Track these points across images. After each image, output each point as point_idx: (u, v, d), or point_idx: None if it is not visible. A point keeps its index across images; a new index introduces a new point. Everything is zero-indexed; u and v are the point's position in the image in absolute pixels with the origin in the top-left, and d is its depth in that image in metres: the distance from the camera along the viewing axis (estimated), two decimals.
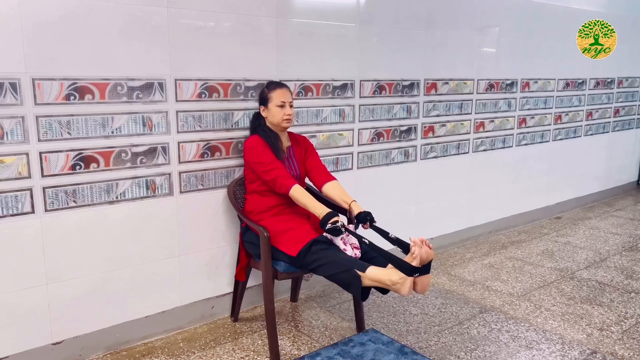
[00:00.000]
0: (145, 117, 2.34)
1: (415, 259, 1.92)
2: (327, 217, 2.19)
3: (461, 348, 2.46)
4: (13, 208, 2.07)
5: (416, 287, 2.00)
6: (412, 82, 3.40)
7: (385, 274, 1.99)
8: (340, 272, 2.08)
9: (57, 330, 2.26)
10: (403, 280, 1.95)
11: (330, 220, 2.18)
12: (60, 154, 2.15)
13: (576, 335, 2.59)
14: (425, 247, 1.96)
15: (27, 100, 2.04)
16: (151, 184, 2.41)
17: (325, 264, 2.13)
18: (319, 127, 2.97)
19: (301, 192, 2.31)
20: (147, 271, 2.46)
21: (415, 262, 1.92)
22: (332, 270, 2.11)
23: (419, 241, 1.95)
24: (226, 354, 2.39)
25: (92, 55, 2.16)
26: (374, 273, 2.01)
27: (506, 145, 4.21)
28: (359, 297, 2.07)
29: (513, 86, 4.11)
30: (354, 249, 2.22)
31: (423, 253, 1.94)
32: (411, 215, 3.61)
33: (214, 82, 2.52)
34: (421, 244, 1.95)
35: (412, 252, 1.93)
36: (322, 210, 2.23)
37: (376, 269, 2.02)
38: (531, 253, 3.83)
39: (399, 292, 1.97)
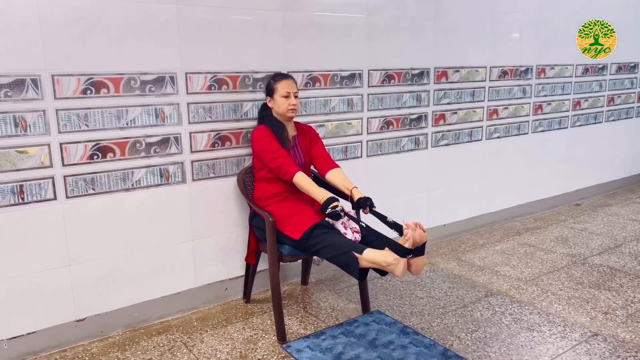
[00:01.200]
0: (158, 109, 2.48)
1: (408, 241, 2.00)
2: (328, 202, 2.29)
3: (462, 329, 2.53)
4: (37, 195, 2.25)
5: (410, 268, 2.08)
6: (422, 70, 3.45)
7: (380, 256, 2.08)
8: (339, 254, 2.19)
9: (80, 309, 2.43)
10: (397, 261, 2.03)
11: (331, 205, 2.28)
12: (79, 144, 2.31)
13: (579, 319, 2.63)
14: (419, 230, 2.04)
15: (47, 95, 2.20)
16: (165, 172, 2.55)
17: (326, 246, 2.24)
18: (328, 116, 3.06)
19: (304, 179, 2.41)
20: (163, 254, 2.62)
21: (408, 244, 2.01)
22: (332, 252, 2.22)
23: (413, 224, 2.03)
24: (236, 332, 2.53)
25: (106, 52, 2.31)
26: (370, 255, 2.10)
27: (521, 132, 4.21)
28: (356, 277, 2.17)
29: (528, 73, 4.10)
30: (354, 232, 2.31)
31: (416, 236, 2.03)
32: (422, 202, 3.67)
33: (223, 75, 2.64)
34: (415, 227, 2.03)
35: (405, 234, 2.01)
36: (323, 195, 2.33)
37: (373, 251, 2.11)
38: (545, 239, 3.84)
39: (393, 273, 2.05)
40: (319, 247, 2.26)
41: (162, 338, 2.49)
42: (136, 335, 2.52)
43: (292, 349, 2.36)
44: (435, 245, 3.73)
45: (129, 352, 2.37)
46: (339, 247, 2.20)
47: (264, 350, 2.37)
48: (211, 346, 2.41)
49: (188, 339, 2.48)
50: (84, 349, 2.40)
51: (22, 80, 2.14)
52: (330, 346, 2.37)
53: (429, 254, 3.56)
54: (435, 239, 3.80)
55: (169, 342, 2.45)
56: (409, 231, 2.01)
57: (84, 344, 2.45)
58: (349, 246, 2.17)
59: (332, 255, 2.22)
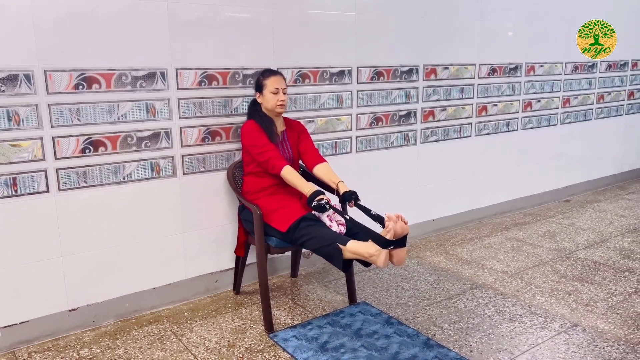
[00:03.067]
0: (148, 104, 2.54)
1: (389, 233, 2.07)
2: (314, 195, 2.36)
3: (446, 320, 2.60)
4: (30, 187, 2.30)
5: (392, 259, 2.15)
6: (411, 67, 3.51)
7: (363, 247, 2.14)
8: (324, 245, 2.25)
9: (73, 298, 2.49)
10: (379, 252, 2.10)
11: (317, 198, 2.34)
12: (71, 138, 2.37)
13: (560, 310, 2.69)
14: (401, 222, 2.10)
15: (40, 90, 2.26)
16: (156, 166, 2.61)
17: (312, 238, 2.30)
18: (317, 112, 3.12)
19: (291, 173, 2.47)
20: (154, 246, 2.68)
21: (389, 236, 2.07)
22: (317, 244, 2.28)
23: (394, 217, 2.09)
24: (225, 323, 2.59)
25: (98, 48, 2.37)
26: (353, 246, 2.17)
27: (511, 129, 4.27)
28: (340, 268, 2.23)
29: (517, 70, 4.16)
30: (339, 225, 2.38)
31: (398, 228, 2.09)
32: (412, 197, 3.73)
33: (213, 71, 2.70)
34: (396, 220, 2.09)
35: (386, 226, 2.08)
36: (309, 189, 2.39)
37: (356, 242, 2.18)
38: (532, 234, 3.91)
39: (376, 264, 2.12)
40: (304, 239, 2.32)
41: (153, 328, 2.55)
42: (127, 325, 2.59)
43: (279, 338, 2.42)
44: (424, 240, 3.80)
45: (119, 341, 2.43)
46: (323, 239, 2.26)
47: (251, 339, 2.43)
48: (200, 335, 2.47)
49: (178, 329, 2.54)
50: (76, 338, 2.46)
51: (15, 76, 2.20)
52: (316, 335, 2.44)
53: (417, 248, 3.62)
54: (424, 233, 3.86)
55: (159, 332, 2.51)
56: (390, 223, 2.07)
57: (76, 333, 2.51)
58: (333, 238, 2.24)
59: (317, 246, 2.29)
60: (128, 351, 2.34)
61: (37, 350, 2.36)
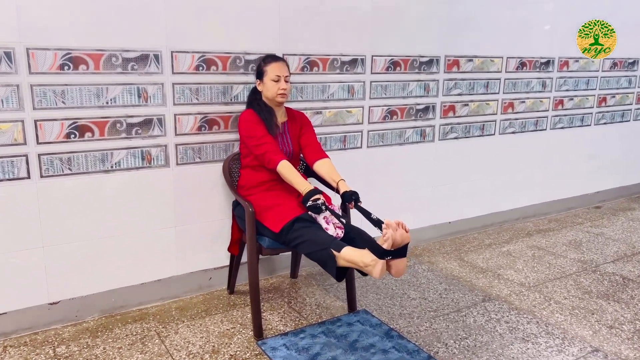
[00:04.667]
0: (140, 88, 2.37)
1: (387, 242, 1.85)
2: (310, 194, 2.16)
3: (451, 336, 2.37)
4: (9, 173, 2.17)
5: (391, 270, 1.94)
6: (431, 58, 3.25)
7: (358, 256, 1.94)
8: (317, 250, 2.05)
9: (54, 291, 2.36)
10: (374, 262, 1.89)
11: (312, 198, 2.14)
12: (55, 122, 2.22)
13: (581, 331, 2.44)
14: (401, 231, 1.88)
15: (21, 69, 2.11)
16: (147, 154, 2.45)
17: (305, 241, 2.10)
18: (325, 103, 2.90)
19: (288, 168, 2.27)
20: (144, 240, 2.53)
21: (387, 245, 1.85)
22: (311, 248, 2.08)
23: (394, 224, 1.87)
24: (213, 325, 2.43)
25: (86, 26, 2.20)
26: (348, 254, 1.96)
27: (539, 128, 3.97)
28: (334, 276, 2.03)
29: (549, 65, 3.85)
30: (336, 228, 2.17)
31: (397, 236, 1.87)
32: (427, 197, 3.49)
33: (212, 55, 2.51)
34: (396, 227, 1.87)
35: (383, 234, 1.86)
36: (305, 187, 2.20)
37: (351, 249, 1.97)
38: (556, 243, 3.63)
39: (371, 275, 1.91)
40: (298, 242, 2.13)
41: (137, 326, 2.40)
42: (111, 321, 2.45)
43: (268, 346, 2.25)
44: (438, 243, 3.56)
45: (99, 340, 2.29)
46: (317, 242, 2.06)
47: (237, 345, 2.26)
48: (185, 338, 2.31)
49: (163, 329, 2.38)
50: (55, 333, 2.34)
51: None
52: (307, 346, 2.25)
53: (429, 252, 3.39)
54: (439, 236, 3.63)
55: (143, 331, 2.36)
56: (388, 231, 1.85)
57: (57, 327, 2.38)
58: (328, 243, 2.03)
59: (310, 251, 2.09)
60: (106, 351, 2.20)
61: (14, 345, 2.24)
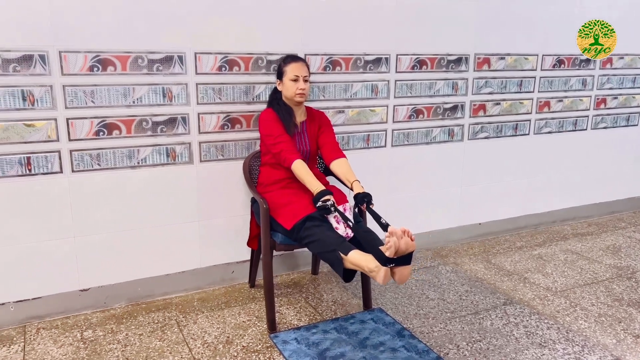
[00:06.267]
0: (165, 88, 2.48)
1: (389, 250, 1.86)
2: (320, 195, 2.20)
3: (465, 338, 2.35)
4: (44, 167, 2.33)
5: (394, 276, 1.96)
6: (460, 56, 3.20)
7: (363, 260, 1.97)
8: (326, 251, 2.10)
9: (85, 279, 2.52)
10: (378, 269, 1.91)
11: (322, 198, 2.18)
12: (85, 120, 2.36)
13: (604, 339, 2.35)
14: (406, 238, 1.89)
15: (54, 71, 2.27)
16: (171, 151, 2.56)
17: (315, 241, 2.15)
18: (348, 102, 2.93)
19: (302, 168, 2.32)
20: (168, 232, 2.65)
21: (389, 253, 1.86)
22: (320, 248, 2.13)
23: (399, 232, 1.87)
24: (231, 317, 2.52)
25: (114, 29, 2.33)
26: (354, 258, 2.00)
27: (578, 127, 3.82)
28: (341, 277, 2.06)
29: (590, 62, 3.70)
30: (346, 228, 2.19)
31: (402, 244, 1.88)
32: (455, 197, 3.45)
33: (235, 56, 2.59)
34: (401, 235, 1.88)
35: (386, 242, 1.87)
36: (316, 187, 2.24)
37: (358, 253, 2.00)
38: (593, 247, 3.49)
39: (375, 280, 1.94)
40: (308, 241, 2.18)
41: (159, 315, 2.53)
42: (136, 309, 2.58)
43: (279, 339, 2.31)
44: (466, 245, 3.51)
45: (123, 326, 2.42)
46: (326, 243, 2.10)
47: (251, 337, 2.33)
48: (202, 328, 2.41)
49: (183, 318, 2.49)
50: (85, 318, 2.49)
51: (30, 56, 2.21)
52: (318, 341, 2.29)
53: (456, 253, 3.35)
54: (468, 237, 3.57)
55: (164, 320, 2.48)
56: (391, 239, 1.85)
57: (86, 312, 2.54)
58: (336, 244, 2.07)
59: (319, 251, 2.14)
60: (128, 337, 2.33)
61: (46, 327, 2.41)
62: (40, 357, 2.17)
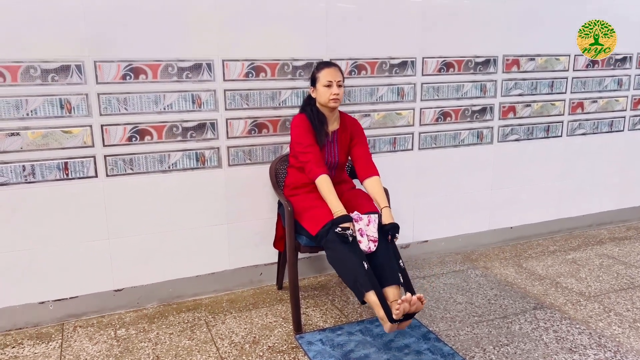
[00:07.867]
0: (194, 95, 2.57)
1: (397, 314, 1.95)
2: (340, 220, 2.22)
3: (492, 342, 2.32)
4: (80, 172, 2.45)
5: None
6: (488, 58, 3.18)
7: (376, 305, 2.05)
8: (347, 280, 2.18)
9: (119, 279, 2.62)
10: (384, 322, 2.02)
11: (341, 225, 2.20)
12: (118, 127, 2.47)
13: (638, 345, 2.28)
14: (418, 304, 1.97)
15: (90, 80, 2.38)
16: (201, 156, 2.64)
17: (337, 259, 2.19)
18: (374, 106, 2.95)
19: (325, 185, 2.33)
20: (198, 235, 2.72)
21: (396, 316, 1.96)
22: (341, 271, 2.21)
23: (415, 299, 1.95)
24: (258, 317, 2.56)
25: (145, 39, 2.43)
26: (370, 299, 2.07)
27: (615, 129, 3.72)
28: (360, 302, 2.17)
29: (625, 62, 3.60)
30: (369, 241, 2.20)
31: (413, 308, 1.98)
32: (485, 200, 3.41)
33: (261, 62, 2.65)
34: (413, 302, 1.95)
35: (396, 308, 1.94)
36: (337, 210, 2.26)
37: (373, 296, 2.06)
38: (631, 252, 3.38)
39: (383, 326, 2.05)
40: (329, 254, 2.22)
41: (189, 315, 2.60)
42: (168, 309, 2.66)
43: (304, 340, 2.33)
44: (497, 249, 3.45)
45: (155, 325, 2.50)
46: (348, 271, 2.15)
47: (277, 338, 2.37)
48: (230, 328, 2.47)
49: (212, 319, 2.56)
50: (119, 317, 2.59)
51: (67, 66, 2.33)
52: (343, 342, 2.31)
53: (486, 257, 3.31)
54: (499, 241, 3.52)
55: (194, 320, 2.55)
56: (401, 306, 1.93)
57: (120, 312, 2.63)
58: (357, 276, 2.10)
59: (340, 272, 2.22)
60: (159, 336, 2.40)
61: (83, 325, 2.51)
62: (76, 354, 2.27)
